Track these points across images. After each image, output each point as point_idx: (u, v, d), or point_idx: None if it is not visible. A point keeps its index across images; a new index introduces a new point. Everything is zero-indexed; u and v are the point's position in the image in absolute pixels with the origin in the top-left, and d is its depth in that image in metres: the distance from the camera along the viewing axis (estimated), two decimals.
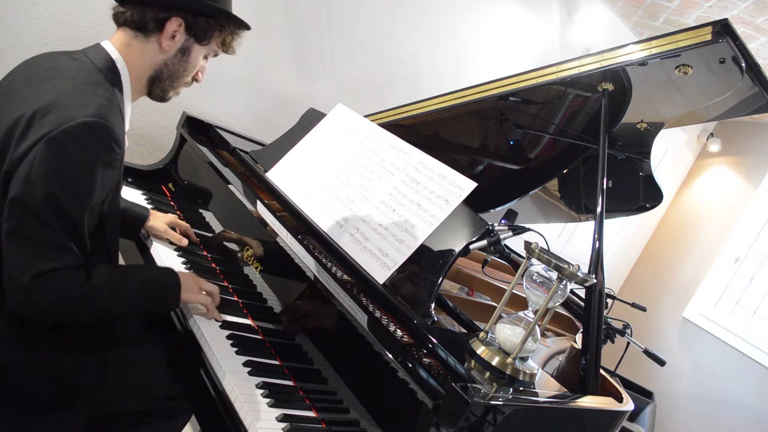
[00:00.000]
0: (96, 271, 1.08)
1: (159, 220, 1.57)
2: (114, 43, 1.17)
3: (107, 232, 1.16)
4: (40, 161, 0.97)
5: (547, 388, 1.21)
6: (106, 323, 1.25)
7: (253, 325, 1.34)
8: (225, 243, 1.61)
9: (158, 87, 1.25)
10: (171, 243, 1.57)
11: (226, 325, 1.28)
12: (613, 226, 4.35)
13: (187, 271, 1.45)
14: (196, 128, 1.95)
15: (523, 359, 1.13)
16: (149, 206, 1.63)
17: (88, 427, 1.27)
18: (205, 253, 1.62)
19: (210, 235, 1.68)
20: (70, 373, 1.18)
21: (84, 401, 1.22)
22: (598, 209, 1.46)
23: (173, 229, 1.59)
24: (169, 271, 1.25)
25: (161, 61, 1.20)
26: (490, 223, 1.32)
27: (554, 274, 1.10)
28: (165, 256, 1.48)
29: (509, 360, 1.08)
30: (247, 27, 1.28)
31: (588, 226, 3.67)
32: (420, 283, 1.23)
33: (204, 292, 1.29)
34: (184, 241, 1.57)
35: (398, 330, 1.12)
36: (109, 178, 1.08)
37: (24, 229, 0.98)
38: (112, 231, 1.20)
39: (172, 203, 1.87)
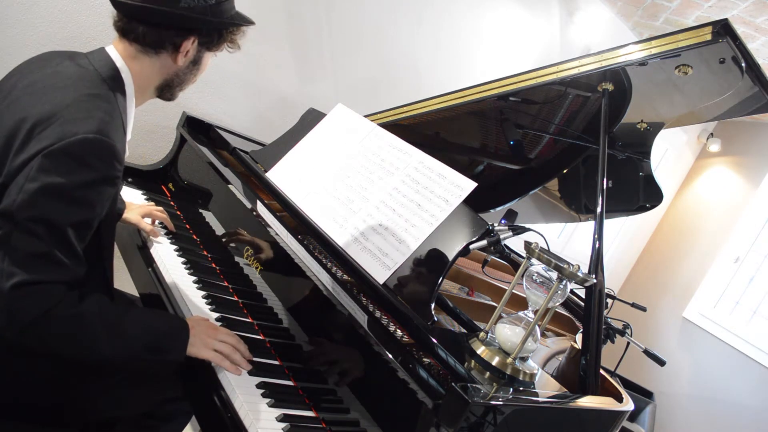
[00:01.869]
0: (90, 298, 1.02)
1: (133, 212, 1.55)
2: (119, 51, 1.15)
3: (103, 240, 1.15)
4: (35, 174, 0.94)
5: (547, 388, 1.20)
6: (94, 362, 1.13)
7: (253, 325, 1.34)
8: (228, 243, 1.61)
9: (167, 92, 1.25)
10: (170, 242, 1.57)
11: (226, 324, 1.28)
12: (613, 226, 4.35)
13: (206, 317, 1.27)
14: (196, 128, 1.95)
15: (523, 359, 1.13)
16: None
17: (88, 430, 1.27)
18: (205, 252, 1.62)
19: (214, 233, 1.68)
20: (69, 381, 1.17)
21: (82, 408, 1.22)
22: (598, 209, 1.46)
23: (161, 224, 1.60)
24: (179, 320, 1.16)
25: (173, 72, 1.20)
26: (490, 223, 1.32)
27: (554, 274, 1.10)
28: (165, 257, 1.48)
29: (509, 360, 1.08)
30: (252, 23, 1.27)
31: (588, 226, 3.67)
32: (420, 283, 1.23)
33: (217, 348, 1.15)
34: (156, 233, 1.55)
35: (398, 330, 1.13)
36: (107, 195, 1.04)
37: (10, 239, 0.93)
38: (108, 239, 1.18)
39: (172, 203, 1.87)
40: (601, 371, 1.36)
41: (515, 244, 1.71)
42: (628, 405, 1.28)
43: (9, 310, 0.93)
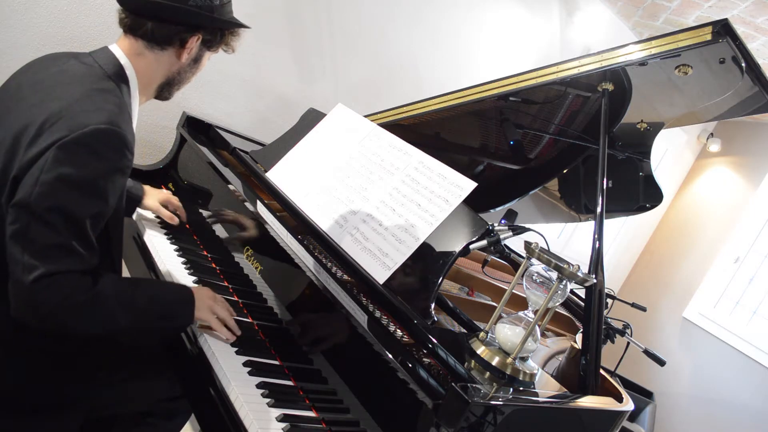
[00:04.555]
0: (103, 279, 1.05)
1: (152, 198, 1.60)
2: (122, 48, 1.17)
3: (111, 235, 1.16)
4: (50, 166, 0.96)
5: (547, 388, 1.20)
6: (113, 337, 1.21)
7: (253, 325, 1.34)
8: (218, 220, 1.62)
9: (167, 91, 1.28)
10: (170, 242, 1.57)
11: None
12: (613, 226, 4.35)
13: (199, 285, 1.38)
14: (196, 128, 1.95)
15: (523, 359, 1.13)
16: None
17: (87, 428, 1.27)
18: (205, 253, 1.62)
19: (212, 233, 1.68)
20: (70, 377, 1.18)
21: (83, 404, 1.22)
22: (598, 209, 1.46)
23: (166, 208, 1.64)
24: (182, 287, 1.22)
25: (175, 70, 1.23)
26: (490, 223, 1.32)
27: (554, 274, 1.10)
28: (165, 256, 1.48)
29: (509, 360, 1.08)
30: (248, 27, 1.30)
31: (588, 226, 3.67)
32: (420, 283, 1.23)
33: (217, 311, 1.22)
34: (175, 220, 1.61)
35: (398, 330, 1.13)
36: (120, 184, 1.08)
37: (29, 231, 0.97)
38: (117, 234, 1.19)
39: None
40: (601, 371, 1.36)
41: (515, 244, 1.71)
42: (628, 405, 1.28)
43: (32, 302, 0.98)
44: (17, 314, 0.99)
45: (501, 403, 0.95)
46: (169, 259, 1.47)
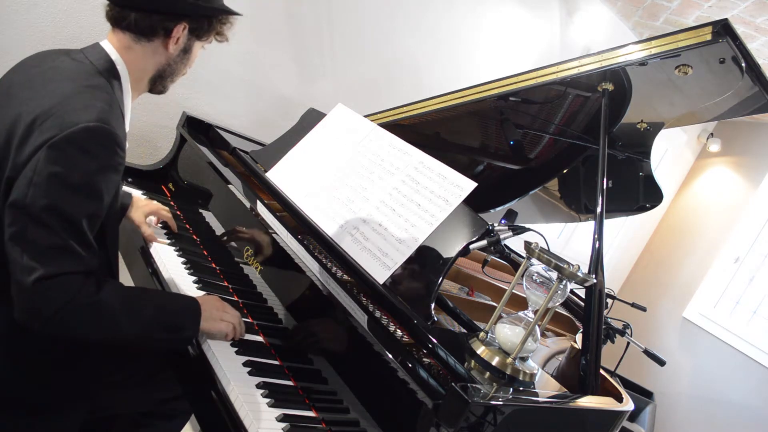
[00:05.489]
0: (107, 285, 1.04)
1: (138, 211, 1.56)
2: (113, 43, 1.16)
3: (107, 236, 1.15)
4: (42, 166, 0.96)
5: (547, 388, 1.20)
6: (117, 345, 1.20)
7: (253, 325, 1.34)
8: (228, 243, 1.61)
9: (160, 84, 1.27)
10: (170, 243, 1.57)
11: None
12: (613, 226, 4.35)
13: (205, 293, 1.36)
14: (196, 128, 1.95)
15: (523, 359, 1.13)
16: None
17: (87, 428, 1.27)
18: (205, 253, 1.62)
19: (215, 233, 1.68)
20: (70, 377, 1.18)
21: (83, 404, 1.22)
22: (598, 209, 1.46)
23: (165, 223, 1.61)
24: (189, 298, 1.20)
25: (164, 61, 1.22)
26: (490, 223, 1.32)
27: (554, 274, 1.10)
28: (165, 257, 1.48)
29: (509, 360, 1.08)
30: (239, 14, 1.29)
31: (588, 226, 3.66)
32: (420, 283, 1.23)
33: (226, 321, 1.21)
34: (154, 238, 1.54)
35: (398, 330, 1.13)
36: (113, 182, 1.07)
37: (26, 233, 0.96)
38: (113, 234, 1.19)
39: (172, 203, 1.87)
40: (601, 371, 1.36)
41: (515, 244, 1.71)
42: (628, 405, 1.29)
43: (34, 305, 0.97)
44: (20, 317, 0.99)
45: (501, 403, 0.95)
46: (169, 260, 1.47)
